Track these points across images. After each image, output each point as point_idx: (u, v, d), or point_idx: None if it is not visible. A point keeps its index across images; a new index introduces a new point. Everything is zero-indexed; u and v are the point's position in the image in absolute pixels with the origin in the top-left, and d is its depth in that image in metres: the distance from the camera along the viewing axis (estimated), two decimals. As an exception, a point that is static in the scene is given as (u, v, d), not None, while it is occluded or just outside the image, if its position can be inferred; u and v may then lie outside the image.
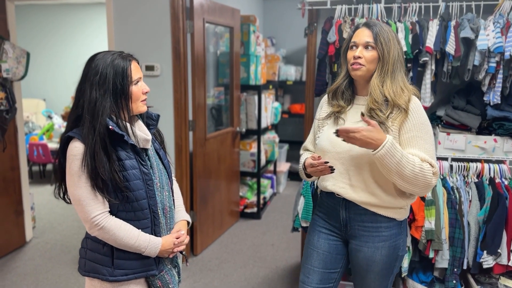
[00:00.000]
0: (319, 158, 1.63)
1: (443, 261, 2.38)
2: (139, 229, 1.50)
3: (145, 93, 1.53)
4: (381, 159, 1.52)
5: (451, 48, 2.37)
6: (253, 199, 4.49)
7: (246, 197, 4.48)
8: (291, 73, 5.44)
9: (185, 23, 3.22)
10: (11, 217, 3.59)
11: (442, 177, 2.49)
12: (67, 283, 3.11)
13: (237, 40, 4.07)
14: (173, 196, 1.65)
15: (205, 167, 3.59)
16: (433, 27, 2.43)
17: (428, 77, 2.49)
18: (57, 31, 6.99)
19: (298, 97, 5.78)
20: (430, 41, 2.41)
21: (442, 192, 2.40)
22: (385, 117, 1.60)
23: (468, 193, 2.46)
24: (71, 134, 1.44)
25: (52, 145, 5.52)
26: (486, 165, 2.48)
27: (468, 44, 2.39)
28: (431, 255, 2.36)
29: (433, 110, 2.70)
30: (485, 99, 2.44)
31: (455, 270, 2.38)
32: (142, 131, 1.54)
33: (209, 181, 3.68)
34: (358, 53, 1.62)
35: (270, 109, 4.78)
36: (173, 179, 1.73)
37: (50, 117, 6.01)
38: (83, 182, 1.41)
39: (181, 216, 1.70)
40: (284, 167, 5.40)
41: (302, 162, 1.80)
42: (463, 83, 2.63)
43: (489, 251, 2.32)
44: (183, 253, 1.69)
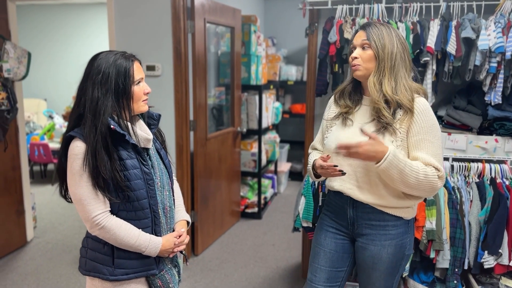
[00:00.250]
0: (328, 157, 1.66)
1: (444, 261, 2.38)
2: (139, 229, 1.50)
3: (147, 93, 1.54)
4: (384, 171, 1.55)
5: (452, 48, 2.37)
6: (254, 199, 4.49)
7: (247, 197, 4.48)
8: (292, 73, 5.44)
9: (186, 23, 3.23)
10: (12, 217, 3.60)
11: (443, 177, 2.49)
12: (68, 283, 3.12)
13: (238, 40, 4.07)
14: (173, 196, 1.65)
15: (206, 167, 3.59)
16: (434, 27, 2.43)
17: (429, 77, 2.49)
18: (58, 31, 7.00)
19: (299, 97, 5.78)
20: (431, 41, 2.41)
21: (443, 192, 2.40)
22: (391, 118, 1.61)
23: (469, 193, 2.45)
24: (72, 133, 1.44)
25: (53, 145, 5.53)
26: (487, 165, 2.48)
27: (469, 44, 2.39)
28: (432, 255, 2.35)
29: (434, 110, 2.68)
30: (486, 99, 2.44)
31: (456, 270, 2.38)
32: (143, 131, 1.54)
33: (210, 181, 3.68)
34: (354, 54, 1.67)
35: (271, 109, 4.78)
36: (174, 179, 1.74)
37: (51, 117, 6.01)
38: (84, 181, 1.42)
39: (181, 216, 1.70)
40: (285, 167, 5.40)
41: (311, 162, 1.81)
42: (464, 83, 2.63)
43: (490, 251, 2.32)
44: (183, 252, 1.70)
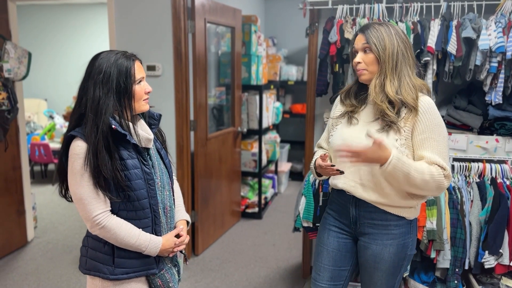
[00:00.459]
0: (326, 156, 1.68)
1: (444, 261, 2.38)
2: (140, 228, 1.50)
3: (148, 92, 1.54)
4: (389, 175, 1.57)
5: (452, 48, 2.37)
6: (254, 199, 4.49)
7: (247, 197, 4.48)
8: (292, 73, 5.44)
9: (186, 23, 3.23)
10: (13, 217, 3.60)
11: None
12: (69, 283, 3.12)
13: (239, 40, 4.07)
14: (173, 195, 1.66)
15: (206, 167, 3.59)
16: (435, 27, 2.43)
17: (429, 77, 2.48)
18: (59, 31, 7.00)
19: (299, 97, 5.78)
20: (431, 41, 2.40)
21: (443, 192, 2.39)
22: (395, 117, 1.62)
23: (469, 193, 2.45)
24: (73, 133, 1.44)
25: (53, 145, 5.53)
26: (487, 165, 2.47)
27: (469, 44, 2.39)
28: (433, 255, 2.35)
29: (434, 110, 2.69)
30: (486, 99, 2.43)
31: (457, 270, 2.38)
32: (144, 131, 1.54)
33: (210, 181, 3.68)
34: (357, 59, 1.67)
35: (271, 109, 4.78)
36: (174, 178, 1.74)
37: (51, 117, 6.02)
38: (85, 181, 1.42)
39: (181, 215, 1.71)
40: (285, 167, 5.40)
41: (313, 160, 1.83)
42: (465, 83, 2.63)
43: (491, 251, 2.32)
44: (183, 252, 1.70)
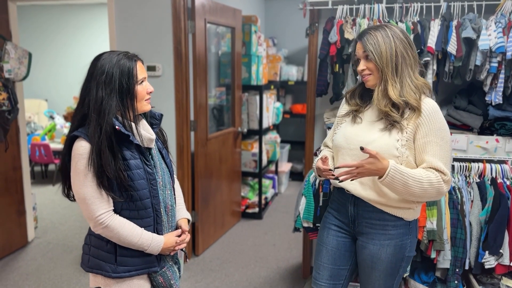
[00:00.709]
0: (327, 159, 1.70)
1: (445, 261, 2.38)
2: (142, 228, 1.52)
3: (150, 93, 1.56)
4: (387, 186, 1.59)
5: (452, 48, 2.37)
6: (255, 199, 4.49)
7: (247, 197, 4.48)
8: (292, 73, 5.44)
9: (186, 24, 3.23)
10: (13, 217, 3.60)
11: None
12: (69, 283, 3.12)
13: (239, 40, 4.07)
14: (174, 194, 1.68)
15: (206, 167, 3.59)
16: (435, 27, 2.43)
17: (429, 77, 2.48)
18: (59, 31, 7.00)
19: (299, 97, 5.78)
20: (431, 41, 2.40)
21: (443, 192, 2.39)
22: (399, 116, 1.63)
23: (470, 193, 2.45)
24: (76, 133, 1.45)
25: (54, 146, 5.53)
26: (488, 165, 2.47)
27: (469, 44, 2.39)
28: (433, 255, 2.35)
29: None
30: (487, 99, 2.43)
31: (457, 270, 2.38)
32: (146, 131, 1.56)
33: (211, 181, 3.68)
34: (360, 67, 1.69)
35: (271, 109, 4.78)
36: (175, 177, 1.75)
37: (52, 118, 6.02)
38: (89, 180, 1.43)
39: (182, 214, 1.73)
40: (285, 167, 5.40)
41: (315, 160, 1.83)
42: (465, 83, 2.63)
43: (491, 252, 2.32)
44: (184, 250, 1.73)
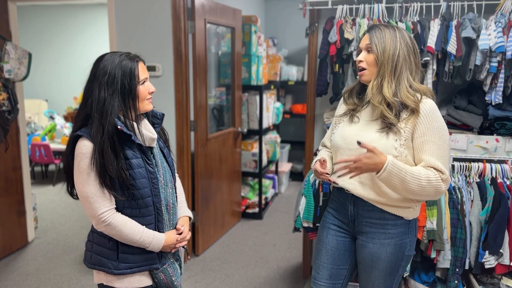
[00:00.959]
0: (325, 161, 1.71)
1: (445, 261, 2.38)
2: (143, 225, 1.55)
3: (151, 92, 1.58)
4: (385, 181, 1.57)
5: (452, 47, 2.37)
6: (255, 199, 4.49)
7: (247, 197, 4.48)
8: (292, 73, 5.44)
9: (186, 24, 3.23)
10: (13, 218, 3.60)
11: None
12: (69, 283, 3.12)
13: (239, 40, 4.07)
14: (176, 192, 1.71)
15: (206, 167, 3.59)
16: (435, 27, 2.43)
17: (429, 77, 2.48)
18: (59, 32, 7.01)
19: (299, 97, 5.79)
20: (431, 41, 2.40)
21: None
22: (394, 118, 1.62)
23: (470, 193, 2.45)
24: (79, 132, 1.49)
25: (54, 146, 5.53)
26: (488, 165, 2.47)
27: (469, 43, 2.39)
28: (433, 255, 2.35)
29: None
30: (486, 99, 2.43)
31: (457, 270, 2.38)
32: (148, 130, 1.59)
33: (211, 181, 3.68)
34: (359, 57, 1.69)
35: (271, 109, 4.78)
36: (176, 176, 1.79)
37: (52, 118, 6.02)
38: (91, 179, 1.46)
39: (183, 212, 1.76)
40: (285, 167, 5.40)
41: (314, 161, 1.83)
42: (465, 83, 2.63)
43: (491, 251, 2.32)
44: (185, 247, 1.77)
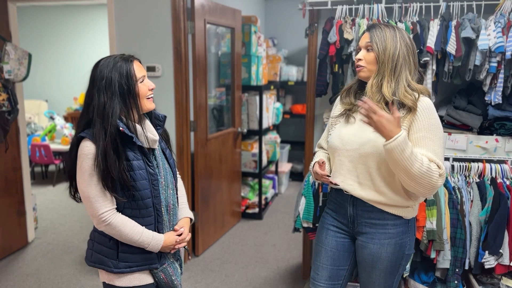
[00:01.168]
0: (324, 163, 1.71)
1: (444, 261, 2.38)
2: (143, 226, 1.57)
3: (151, 89, 1.60)
4: (390, 151, 1.52)
5: (452, 48, 2.37)
6: (255, 199, 4.49)
7: (247, 197, 4.48)
8: (292, 73, 5.44)
9: (186, 24, 3.23)
10: (13, 218, 3.60)
11: (443, 177, 2.49)
12: (69, 284, 3.12)
13: (239, 40, 4.07)
14: (177, 194, 1.72)
15: (206, 168, 3.59)
16: (434, 27, 2.43)
17: (429, 77, 2.49)
18: (59, 32, 7.01)
19: (299, 98, 5.79)
20: (431, 41, 2.40)
21: (443, 192, 2.39)
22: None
23: (469, 193, 2.45)
24: (82, 134, 1.51)
25: (54, 146, 5.54)
26: (487, 165, 2.47)
27: (469, 44, 2.39)
28: (433, 255, 2.35)
29: (434, 110, 2.69)
30: (486, 99, 2.43)
31: (457, 270, 2.38)
32: (150, 132, 1.61)
33: (211, 181, 3.68)
34: (358, 56, 1.69)
35: (271, 109, 4.78)
36: (178, 177, 1.81)
37: (52, 118, 6.02)
38: (94, 180, 1.49)
39: (184, 213, 1.77)
40: (285, 167, 5.40)
41: (312, 163, 1.83)
42: (464, 83, 2.63)
43: (491, 251, 2.32)
44: (186, 247, 1.78)
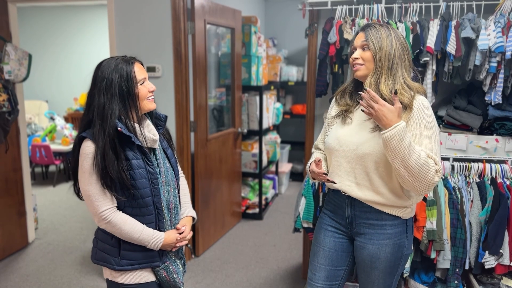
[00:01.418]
0: (320, 161, 1.71)
1: (445, 261, 2.38)
2: (144, 224, 1.60)
3: (152, 91, 1.62)
4: (388, 140, 1.51)
5: (452, 48, 2.37)
6: (255, 199, 4.49)
7: (248, 197, 4.48)
8: (292, 73, 5.44)
9: (186, 24, 3.23)
10: (14, 218, 3.60)
11: (443, 177, 2.48)
12: (69, 284, 3.12)
13: (239, 41, 4.07)
14: (179, 193, 1.74)
15: (206, 168, 3.59)
16: (434, 27, 2.43)
17: (429, 77, 2.49)
18: (59, 33, 7.01)
19: (299, 98, 5.79)
20: (431, 41, 2.41)
21: (443, 192, 2.40)
22: None
23: (469, 193, 2.45)
24: (84, 134, 1.54)
25: (54, 147, 5.53)
26: (487, 165, 2.47)
27: (469, 44, 2.39)
28: (433, 255, 2.35)
29: (434, 110, 2.69)
30: (486, 99, 2.44)
31: (457, 270, 2.38)
32: (150, 132, 1.63)
33: (211, 182, 3.68)
34: (355, 55, 1.69)
35: (271, 109, 4.78)
36: (181, 176, 1.83)
37: (52, 119, 6.02)
38: (93, 179, 1.52)
39: (187, 212, 1.79)
40: (286, 167, 5.40)
41: (309, 163, 1.83)
42: (464, 83, 2.63)
43: (491, 251, 2.32)
44: (189, 246, 1.79)
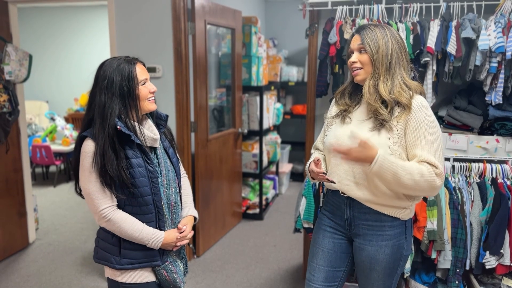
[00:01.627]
0: (319, 161, 1.71)
1: (445, 261, 2.38)
2: (144, 223, 1.60)
3: (152, 92, 1.63)
4: (377, 174, 1.58)
5: (452, 48, 2.37)
6: (255, 200, 4.49)
7: (248, 198, 4.49)
8: (293, 74, 5.44)
9: (186, 25, 3.23)
10: (14, 219, 3.61)
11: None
12: (70, 285, 3.12)
13: (239, 41, 4.07)
14: (180, 192, 1.74)
15: (207, 168, 3.59)
16: (434, 27, 2.43)
17: (429, 78, 2.49)
18: (60, 33, 7.02)
19: (300, 98, 5.79)
20: (431, 41, 2.41)
21: (444, 192, 2.40)
22: (388, 115, 1.62)
23: (470, 193, 2.45)
24: (85, 133, 1.56)
25: (55, 147, 5.54)
26: (488, 165, 2.47)
27: (469, 44, 2.39)
28: (434, 255, 2.35)
29: (434, 110, 2.69)
30: (486, 99, 2.43)
31: (458, 270, 2.38)
32: (150, 131, 1.63)
33: (211, 182, 3.68)
34: (352, 59, 1.69)
35: (272, 110, 4.78)
36: (184, 176, 1.83)
37: (53, 119, 6.02)
38: (93, 178, 1.53)
39: (188, 211, 1.79)
40: (286, 168, 5.40)
41: (308, 163, 1.84)
42: (465, 83, 2.63)
43: (492, 252, 2.32)
44: (190, 245, 1.76)
